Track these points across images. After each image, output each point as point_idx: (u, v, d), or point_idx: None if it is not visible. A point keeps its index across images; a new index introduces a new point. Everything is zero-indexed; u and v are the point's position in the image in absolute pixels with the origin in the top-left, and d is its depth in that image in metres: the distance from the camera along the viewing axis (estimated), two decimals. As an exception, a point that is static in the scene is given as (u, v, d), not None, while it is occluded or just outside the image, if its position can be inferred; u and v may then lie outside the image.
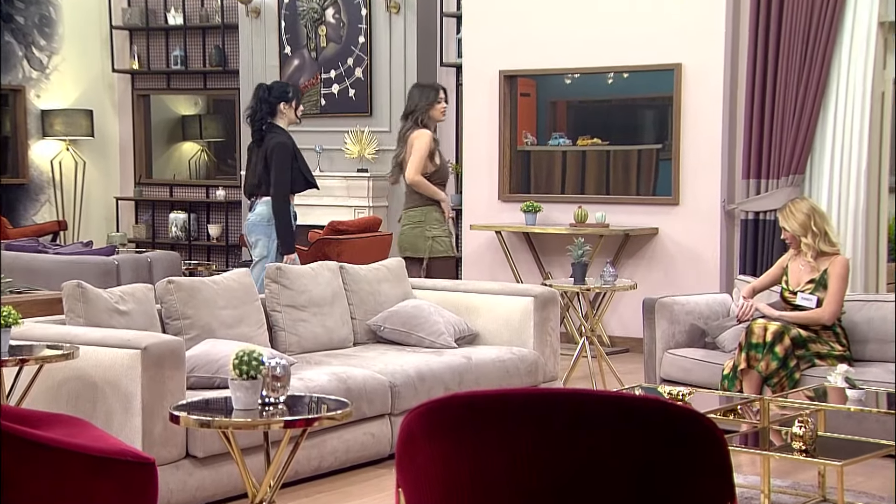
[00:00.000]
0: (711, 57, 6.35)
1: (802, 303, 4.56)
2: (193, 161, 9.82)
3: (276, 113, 5.51)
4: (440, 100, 5.67)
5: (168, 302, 4.15)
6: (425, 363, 4.47)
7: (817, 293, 4.56)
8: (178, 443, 3.59)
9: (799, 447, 3.32)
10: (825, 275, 4.55)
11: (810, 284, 4.59)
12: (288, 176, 5.45)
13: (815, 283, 4.58)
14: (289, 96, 5.53)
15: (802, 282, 4.61)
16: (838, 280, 4.52)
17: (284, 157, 5.43)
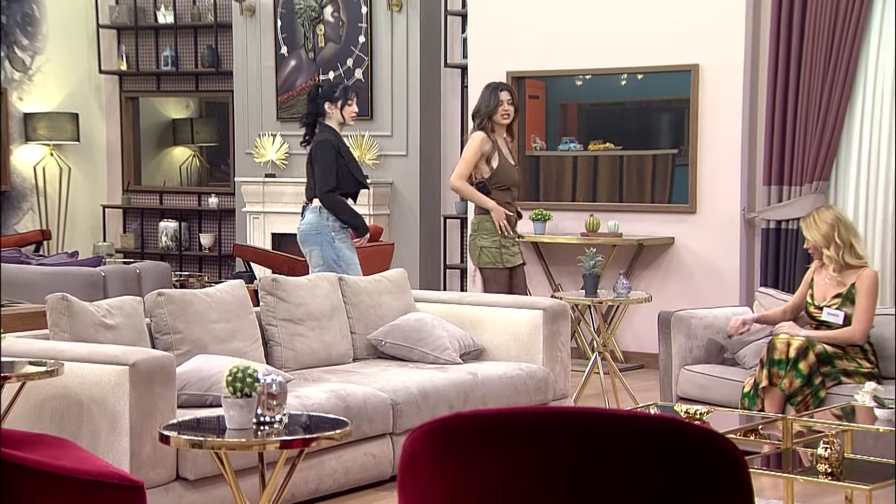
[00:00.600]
0: (731, 57, 6.36)
1: (829, 318, 4.55)
2: (185, 167, 9.84)
3: (325, 113, 5.58)
4: (502, 101, 5.54)
5: (158, 315, 4.15)
6: (429, 380, 4.47)
7: (844, 308, 4.54)
8: (168, 464, 3.58)
9: (824, 469, 3.31)
10: (853, 289, 4.53)
11: (837, 299, 4.57)
12: (332, 173, 5.51)
13: (842, 298, 4.56)
14: (334, 95, 5.57)
15: (829, 296, 4.59)
16: (867, 295, 4.50)
17: (326, 153, 5.51)
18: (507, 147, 5.64)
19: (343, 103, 5.57)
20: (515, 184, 5.68)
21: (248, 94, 8.64)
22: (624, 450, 1.83)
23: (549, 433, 1.87)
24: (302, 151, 8.40)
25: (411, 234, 8.07)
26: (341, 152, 5.58)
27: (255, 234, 8.55)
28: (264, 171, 8.51)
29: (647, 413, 1.90)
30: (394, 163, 8.12)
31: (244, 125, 8.69)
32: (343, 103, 5.57)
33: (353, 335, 4.85)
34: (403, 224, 8.10)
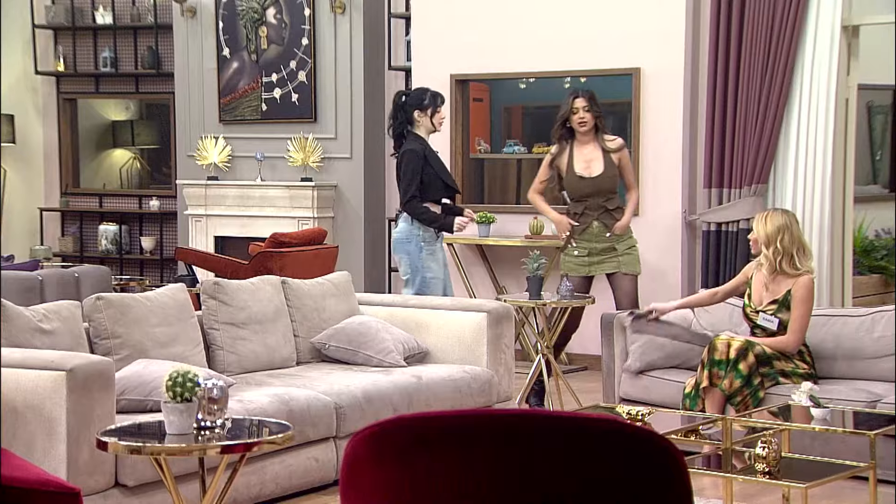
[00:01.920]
0: (671, 61, 6.43)
1: (763, 324, 4.62)
2: (125, 169, 9.71)
3: (413, 121, 5.58)
4: (577, 109, 5.48)
5: (96, 320, 4.09)
6: (373, 383, 4.46)
7: (779, 315, 4.60)
8: (107, 471, 3.53)
9: (762, 469, 3.36)
10: (788, 295, 4.59)
11: (772, 305, 4.62)
12: (414, 183, 5.51)
13: (777, 304, 4.61)
14: (424, 103, 5.56)
15: (765, 301, 4.65)
16: (801, 304, 4.56)
17: (412, 164, 5.54)
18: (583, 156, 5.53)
19: (433, 111, 5.56)
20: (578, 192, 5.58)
21: (189, 96, 8.55)
22: (565, 451, 1.84)
23: (491, 436, 1.88)
24: (246, 154, 8.40)
25: (356, 237, 8.05)
26: (429, 160, 5.58)
27: (197, 237, 8.46)
28: (207, 174, 8.43)
29: (588, 415, 1.92)
30: (338, 165, 8.09)
31: (186, 127, 8.60)
32: (433, 111, 5.56)
33: (296, 339, 4.82)
34: (348, 227, 8.08)
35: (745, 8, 6.14)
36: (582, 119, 5.49)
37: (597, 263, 5.55)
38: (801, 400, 3.89)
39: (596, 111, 5.50)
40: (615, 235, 5.53)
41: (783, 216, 4.66)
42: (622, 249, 5.55)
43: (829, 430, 3.84)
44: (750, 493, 4.10)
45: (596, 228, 5.53)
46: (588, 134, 5.52)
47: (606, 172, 5.53)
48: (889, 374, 4.60)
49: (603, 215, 5.54)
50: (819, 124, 6.01)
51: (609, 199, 5.55)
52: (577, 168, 5.52)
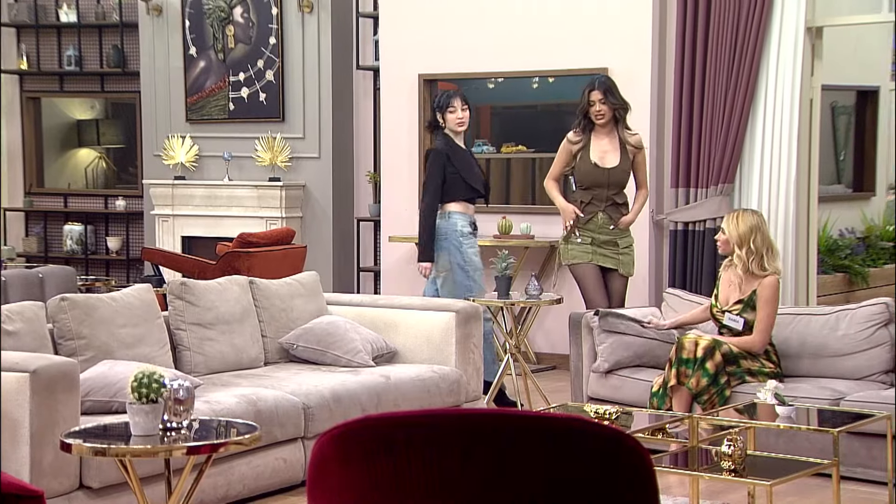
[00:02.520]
0: (638, 61, 6.47)
1: (729, 324, 4.66)
2: (90, 169, 9.62)
3: (439, 123, 5.63)
4: (593, 102, 5.38)
5: (61, 321, 4.05)
6: (341, 383, 4.45)
7: (745, 314, 4.64)
8: (71, 473, 3.50)
9: (728, 467, 3.39)
10: (754, 296, 4.63)
11: (738, 305, 4.66)
12: (437, 182, 5.51)
13: (742, 304, 4.65)
14: (440, 103, 5.61)
15: (731, 300, 4.69)
16: (766, 304, 4.60)
17: (432, 163, 5.57)
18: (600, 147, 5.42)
19: (444, 111, 5.56)
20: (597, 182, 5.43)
21: (155, 96, 8.49)
22: (532, 450, 1.84)
23: (459, 435, 1.88)
24: (214, 153, 8.35)
25: (324, 237, 8.03)
26: (452, 159, 5.54)
27: (164, 237, 8.40)
28: (173, 174, 8.38)
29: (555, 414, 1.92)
30: (306, 165, 8.07)
31: (152, 127, 8.54)
32: (444, 111, 5.56)
33: (264, 339, 4.80)
34: (316, 227, 8.05)
35: (710, 9, 6.19)
36: (599, 112, 5.38)
37: (600, 255, 5.43)
38: (767, 398, 3.92)
39: (613, 102, 5.37)
40: (618, 230, 5.42)
41: (754, 216, 4.70)
42: (622, 247, 5.45)
43: (794, 427, 3.87)
44: (716, 491, 4.13)
45: (601, 219, 5.42)
46: (607, 125, 5.41)
47: (621, 165, 5.42)
48: (853, 371, 4.66)
49: (610, 207, 5.42)
50: (784, 124, 6.06)
51: (618, 193, 5.44)
52: (594, 156, 5.41)
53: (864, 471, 4.30)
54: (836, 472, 3.55)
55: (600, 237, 5.41)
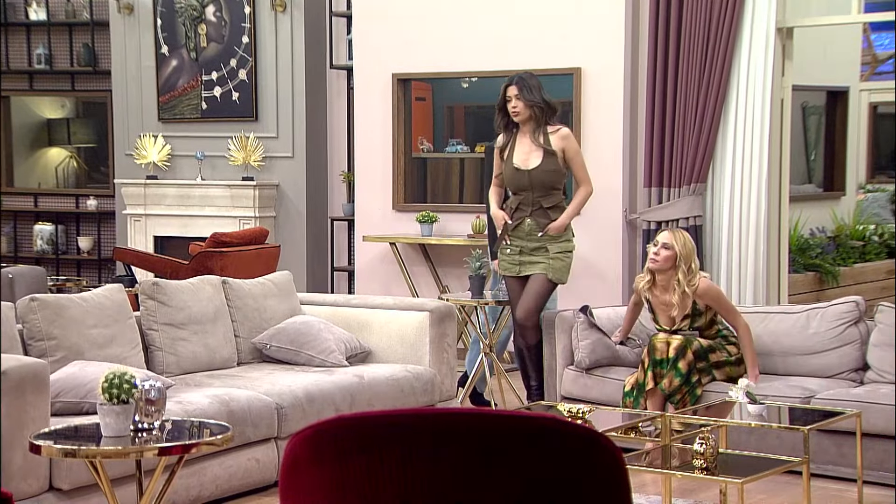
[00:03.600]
0: (611, 61, 6.49)
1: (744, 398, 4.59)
2: (61, 168, 9.54)
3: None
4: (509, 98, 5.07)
5: (31, 321, 4.01)
6: (314, 383, 4.43)
7: (696, 324, 4.64)
8: (41, 475, 3.47)
9: (700, 465, 3.40)
10: (696, 305, 4.60)
11: (686, 321, 4.62)
12: (490, 176, 5.43)
13: (690, 318, 4.63)
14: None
15: (678, 320, 4.63)
16: (719, 301, 4.62)
17: (487, 159, 5.54)
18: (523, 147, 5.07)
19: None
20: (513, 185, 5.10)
21: (127, 95, 8.43)
22: (505, 450, 1.84)
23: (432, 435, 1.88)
24: (186, 153, 8.30)
25: (298, 237, 8.00)
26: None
27: (136, 237, 8.35)
28: (146, 173, 8.32)
29: (527, 413, 1.92)
30: (280, 164, 8.04)
31: (124, 126, 8.48)
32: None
33: (237, 339, 4.78)
34: (290, 226, 8.03)
35: (682, 10, 6.22)
36: (514, 108, 5.03)
37: (527, 263, 5.03)
38: (738, 396, 3.95)
39: (529, 99, 5.00)
40: (548, 236, 5.00)
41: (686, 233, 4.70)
42: (553, 252, 5.01)
43: (765, 425, 3.90)
44: (688, 489, 4.16)
45: (528, 226, 5.02)
46: (527, 124, 5.05)
47: (543, 166, 5.00)
48: (823, 370, 4.69)
49: (537, 212, 5.01)
50: (755, 124, 6.10)
51: (546, 196, 5.02)
52: (516, 159, 5.05)
53: (834, 468, 4.33)
54: (806, 470, 3.58)
55: (529, 245, 5.02)
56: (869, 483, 4.14)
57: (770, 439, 4.35)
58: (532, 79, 5.10)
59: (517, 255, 5.04)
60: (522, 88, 5.03)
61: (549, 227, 5.00)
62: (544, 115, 5.04)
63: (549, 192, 5.04)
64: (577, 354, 4.88)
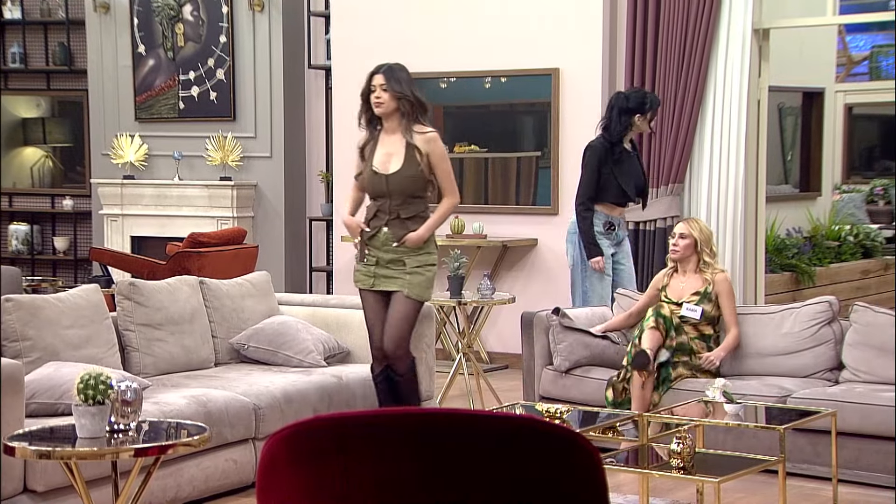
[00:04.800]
0: (589, 61, 6.51)
1: (687, 314, 4.73)
2: (37, 168, 9.47)
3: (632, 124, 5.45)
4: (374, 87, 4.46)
5: (5, 322, 3.98)
6: (292, 384, 4.42)
7: (702, 305, 4.74)
8: (15, 476, 3.44)
9: (677, 464, 3.42)
10: (709, 289, 4.77)
11: (695, 296, 4.78)
12: (593, 179, 5.40)
13: (699, 296, 4.77)
14: (645, 108, 5.40)
15: (686, 294, 4.79)
16: (729, 298, 4.78)
17: (590, 159, 5.44)
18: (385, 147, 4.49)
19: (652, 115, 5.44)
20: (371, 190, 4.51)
21: (103, 94, 8.38)
22: (482, 451, 1.84)
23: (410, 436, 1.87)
24: (164, 153, 8.26)
25: (276, 237, 7.98)
26: (608, 160, 5.39)
27: (113, 237, 8.30)
28: (122, 173, 8.27)
29: (503, 413, 1.92)
30: (258, 164, 8.01)
31: (100, 125, 8.43)
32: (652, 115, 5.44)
33: (214, 339, 4.76)
34: (268, 226, 8.00)
35: (660, 10, 6.25)
36: (378, 99, 4.38)
37: (383, 277, 4.40)
38: (715, 396, 3.97)
39: (397, 91, 4.36)
40: (404, 248, 4.37)
41: (701, 221, 4.97)
42: (411, 266, 4.38)
43: (742, 425, 3.92)
44: (666, 488, 4.17)
45: (384, 236, 4.39)
46: (392, 120, 4.40)
47: (403, 171, 4.36)
48: (799, 369, 4.73)
49: (394, 222, 4.38)
50: (732, 125, 6.14)
51: (405, 205, 4.38)
52: (375, 161, 4.42)
53: (810, 467, 4.36)
54: (782, 469, 3.60)
55: (385, 256, 4.39)
56: (844, 481, 4.17)
57: (746, 438, 4.37)
58: (402, 71, 4.52)
59: (373, 267, 4.41)
60: (390, 79, 4.41)
61: (406, 237, 4.37)
62: (413, 113, 4.39)
63: (409, 200, 4.40)
64: (555, 358, 4.89)
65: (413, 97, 4.42)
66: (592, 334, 4.94)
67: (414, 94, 4.44)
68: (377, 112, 4.43)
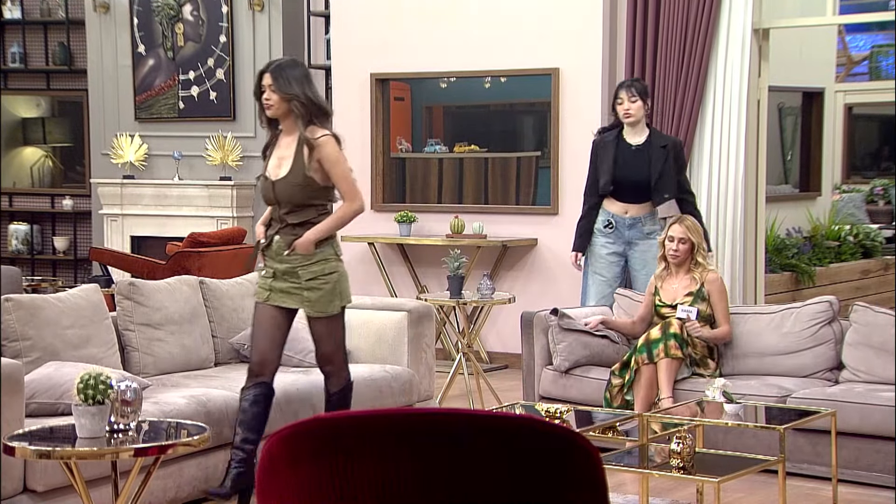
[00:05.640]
0: (589, 61, 6.51)
1: (682, 315, 4.73)
2: (36, 168, 9.47)
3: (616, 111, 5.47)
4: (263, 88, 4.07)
5: (5, 322, 3.98)
6: (291, 383, 4.42)
7: (696, 305, 4.74)
8: (15, 476, 3.44)
9: (677, 464, 3.42)
10: (703, 289, 4.77)
11: (688, 297, 4.77)
12: (589, 173, 5.46)
13: (693, 296, 4.77)
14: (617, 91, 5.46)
15: (680, 295, 4.78)
16: (722, 297, 4.79)
17: (590, 155, 5.51)
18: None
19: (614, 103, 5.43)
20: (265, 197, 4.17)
21: (103, 94, 8.38)
22: (483, 450, 1.84)
23: (409, 435, 1.87)
24: (163, 153, 8.26)
25: (275, 237, 7.97)
26: (598, 153, 5.42)
27: (113, 237, 8.30)
28: (122, 173, 8.27)
29: (503, 413, 1.92)
30: (258, 164, 7.98)
31: (100, 125, 8.43)
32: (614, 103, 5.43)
33: (214, 339, 4.76)
34: (267, 226, 7.99)
35: (660, 10, 6.25)
36: (267, 100, 4.04)
37: (279, 291, 4.06)
38: (715, 396, 3.97)
39: (287, 93, 3.99)
40: (296, 255, 4.02)
41: (692, 219, 4.94)
42: (305, 279, 4.03)
43: (741, 425, 3.92)
44: (666, 488, 4.17)
45: (276, 245, 4.07)
46: (286, 122, 4.07)
47: (289, 177, 4.03)
48: (799, 369, 4.73)
49: (285, 230, 4.06)
50: (732, 125, 6.14)
51: (294, 212, 4.04)
52: (269, 165, 4.12)
53: (810, 466, 4.36)
54: (782, 469, 3.60)
55: (279, 267, 4.07)
56: (843, 481, 4.17)
57: (746, 438, 4.37)
58: (295, 69, 4.07)
59: (269, 279, 4.09)
60: (278, 78, 4.00)
61: (295, 244, 4.03)
62: (309, 115, 4.01)
63: (297, 208, 4.06)
64: (555, 358, 4.89)
65: (305, 98, 4.00)
66: (591, 333, 4.93)
67: (307, 94, 4.01)
68: (268, 114, 4.09)
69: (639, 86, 5.43)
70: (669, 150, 5.41)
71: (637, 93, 5.38)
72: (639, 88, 5.41)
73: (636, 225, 5.41)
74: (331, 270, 4.07)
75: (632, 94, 5.36)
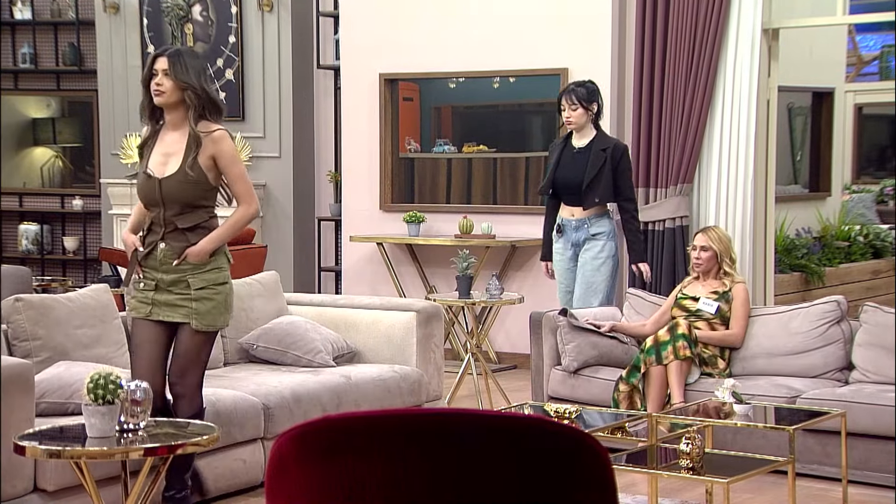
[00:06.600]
0: (598, 62, 6.51)
1: (703, 307, 4.76)
2: (46, 168, 9.50)
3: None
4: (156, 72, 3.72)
5: (15, 322, 4.00)
6: (301, 383, 4.43)
7: (719, 302, 4.79)
8: (25, 476, 3.46)
9: (686, 464, 3.41)
10: (729, 293, 4.83)
11: (713, 294, 4.83)
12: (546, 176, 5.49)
13: (718, 294, 4.83)
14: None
15: (706, 292, 4.86)
16: (744, 305, 4.82)
17: None
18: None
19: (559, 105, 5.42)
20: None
21: (113, 94, 8.40)
22: (491, 451, 1.84)
23: (418, 435, 1.88)
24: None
25: (285, 237, 7.99)
26: (551, 154, 5.49)
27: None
28: (132, 173, 8.28)
29: (511, 413, 1.92)
30: (267, 164, 8.03)
31: (110, 125, 8.46)
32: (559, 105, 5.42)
33: (223, 339, 4.77)
34: (277, 226, 8.02)
35: (669, 11, 6.24)
36: (159, 86, 3.67)
37: (163, 305, 3.69)
38: (724, 396, 3.96)
39: (184, 81, 3.65)
40: (188, 264, 3.68)
41: (720, 229, 5.07)
42: (196, 289, 3.68)
43: (751, 425, 3.92)
44: (674, 489, 4.17)
45: (160, 253, 3.70)
46: (176, 113, 3.71)
47: (179, 175, 3.68)
48: (808, 369, 4.72)
49: (172, 235, 3.70)
50: (741, 125, 6.13)
51: (184, 214, 3.70)
52: (151, 163, 3.75)
53: (819, 467, 4.35)
54: (791, 469, 3.60)
55: (165, 277, 3.69)
56: (853, 482, 4.16)
57: (756, 439, 4.36)
58: (194, 59, 3.77)
59: (151, 292, 3.70)
60: (176, 63, 3.66)
61: (187, 251, 3.68)
62: (202, 108, 3.69)
63: (187, 210, 3.72)
64: (564, 359, 4.89)
65: (201, 89, 3.68)
66: (600, 333, 4.93)
67: (203, 87, 3.69)
68: (157, 101, 3.70)
69: (580, 91, 5.31)
70: (608, 154, 5.30)
71: (577, 99, 5.29)
72: (580, 94, 5.30)
73: (582, 227, 5.38)
74: (224, 280, 3.75)
75: (572, 102, 5.29)
